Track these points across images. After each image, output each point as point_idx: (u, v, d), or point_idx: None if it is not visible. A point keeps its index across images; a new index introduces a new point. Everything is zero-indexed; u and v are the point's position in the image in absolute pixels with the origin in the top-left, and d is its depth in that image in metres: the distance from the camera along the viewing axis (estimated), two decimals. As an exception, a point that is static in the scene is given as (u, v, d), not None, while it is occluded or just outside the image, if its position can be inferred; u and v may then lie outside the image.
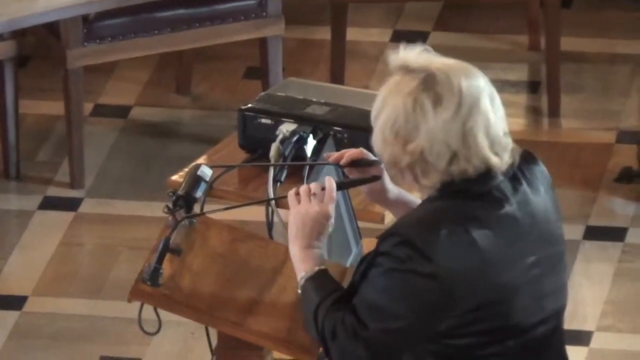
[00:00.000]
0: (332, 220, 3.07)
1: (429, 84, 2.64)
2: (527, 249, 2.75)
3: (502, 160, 2.63)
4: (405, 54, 2.76)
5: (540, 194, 2.82)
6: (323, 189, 3.02)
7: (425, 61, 2.75)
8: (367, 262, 2.83)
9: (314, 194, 3.00)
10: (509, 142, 2.69)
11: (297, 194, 3.00)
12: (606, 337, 5.45)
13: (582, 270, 6.03)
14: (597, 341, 5.44)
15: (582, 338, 5.53)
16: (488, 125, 2.64)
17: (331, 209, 3.05)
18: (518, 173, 2.75)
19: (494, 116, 2.68)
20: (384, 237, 2.74)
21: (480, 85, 2.64)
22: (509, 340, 2.77)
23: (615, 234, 6.09)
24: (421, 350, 2.80)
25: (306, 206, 3.01)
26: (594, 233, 6.11)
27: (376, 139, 2.69)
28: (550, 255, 2.86)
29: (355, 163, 3.26)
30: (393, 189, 3.26)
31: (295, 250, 3.05)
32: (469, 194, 2.68)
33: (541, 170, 2.86)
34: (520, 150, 2.75)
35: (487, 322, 2.71)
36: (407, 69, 2.71)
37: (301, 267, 2.96)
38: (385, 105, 2.68)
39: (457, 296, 2.63)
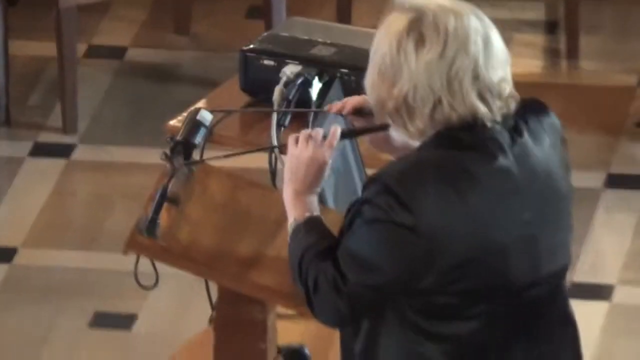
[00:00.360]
0: (329, 168, 3.00)
1: (415, 25, 2.57)
2: (523, 204, 2.67)
3: (492, 109, 2.56)
4: None
5: (544, 147, 2.73)
6: (325, 137, 2.98)
7: (423, 0, 2.69)
8: (354, 210, 2.76)
9: (312, 138, 2.93)
10: (505, 90, 2.63)
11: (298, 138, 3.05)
12: (629, 291, 5.36)
13: (603, 220, 5.94)
14: (618, 295, 5.37)
15: (602, 292, 5.47)
16: (477, 70, 2.56)
17: (327, 155, 2.98)
18: (520, 123, 2.67)
19: (486, 61, 2.61)
20: (367, 183, 2.71)
21: (471, 26, 2.56)
22: (497, 300, 2.70)
23: (637, 182, 5.98)
24: (403, 306, 2.69)
25: (302, 150, 2.96)
26: (615, 181, 6.05)
27: (366, 81, 2.62)
28: (550, 213, 2.78)
29: (360, 111, 3.19)
30: (397, 137, 3.11)
31: (287, 195, 3.00)
32: (460, 143, 2.62)
33: (551, 122, 2.78)
34: (525, 99, 2.67)
35: (472, 280, 2.65)
36: (402, 8, 2.62)
37: (292, 212, 2.94)
38: (376, 46, 2.62)
39: (440, 252, 2.56)
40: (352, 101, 3.17)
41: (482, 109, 2.52)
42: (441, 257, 2.54)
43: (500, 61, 2.69)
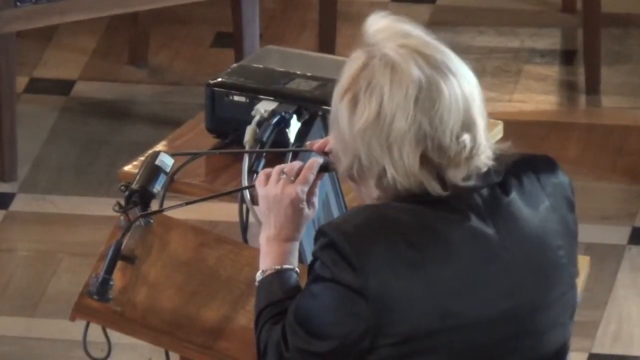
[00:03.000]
0: (311, 207, 2.98)
1: (354, 80, 2.53)
2: (505, 274, 2.63)
3: (446, 175, 2.51)
4: (371, 22, 2.59)
5: (539, 209, 2.70)
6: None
7: (376, 38, 2.60)
8: (310, 265, 2.79)
9: (285, 174, 2.92)
10: (467, 143, 2.54)
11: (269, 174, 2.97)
12: (659, 364, 5.74)
13: (628, 281, 5.94)
14: (646, 369, 5.54)
15: (627, 365, 5.71)
16: (420, 129, 2.50)
17: (301, 191, 2.96)
18: (510, 181, 2.65)
19: (433, 115, 2.53)
20: (317, 234, 2.69)
21: (412, 76, 2.47)
22: None
23: None
24: None
25: (271, 187, 2.95)
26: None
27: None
28: (544, 285, 2.72)
29: None
30: None
31: (260, 242, 3.00)
32: (427, 198, 2.59)
33: (557, 182, 2.74)
34: (530, 155, 2.67)
35: (427, 356, 2.60)
36: (362, 43, 2.57)
37: (262, 261, 2.94)
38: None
39: (390, 319, 2.54)
40: None
41: (427, 179, 2.49)
42: (392, 326, 2.52)
43: (454, 110, 2.63)
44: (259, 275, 3.00)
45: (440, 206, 2.67)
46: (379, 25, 2.65)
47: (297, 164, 3.12)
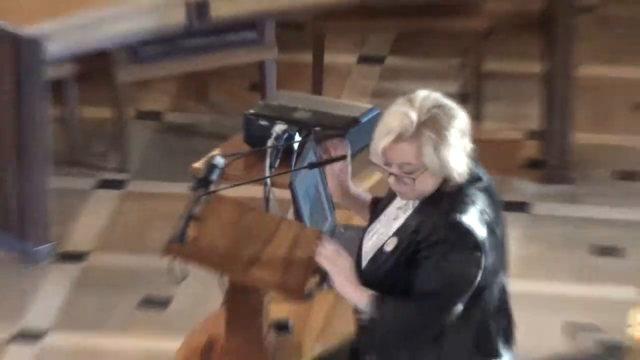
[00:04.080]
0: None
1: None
2: (499, 243, 3.11)
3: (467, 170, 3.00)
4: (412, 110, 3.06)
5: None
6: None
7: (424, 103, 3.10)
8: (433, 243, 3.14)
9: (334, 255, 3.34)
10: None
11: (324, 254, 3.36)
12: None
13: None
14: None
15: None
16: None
17: (345, 259, 3.35)
18: (477, 174, 3.07)
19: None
20: (445, 228, 3.04)
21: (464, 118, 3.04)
22: (503, 275, 3.23)
23: (519, 207, 6.30)
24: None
25: (338, 262, 3.31)
26: (506, 206, 6.39)
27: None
28: (505, 257, 3.22)
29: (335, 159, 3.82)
30: (351, 184, 3.72)
31: (349, 292, 3.30)
32: (465, 183, 3.01)
33: (492, 178, 3.22)
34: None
35: (489, 288, 3.08)
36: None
37: (360, 301, 3.21)
38: None
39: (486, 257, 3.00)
40: (337, 147, 3.92)
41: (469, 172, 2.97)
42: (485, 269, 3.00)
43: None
44: (367, 307, 3.26)
45: (471, 185, 3.10)
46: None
47: (334, 249, 3.45)
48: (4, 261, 5.80)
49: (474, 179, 3.06)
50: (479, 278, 3.02)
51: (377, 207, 3.72)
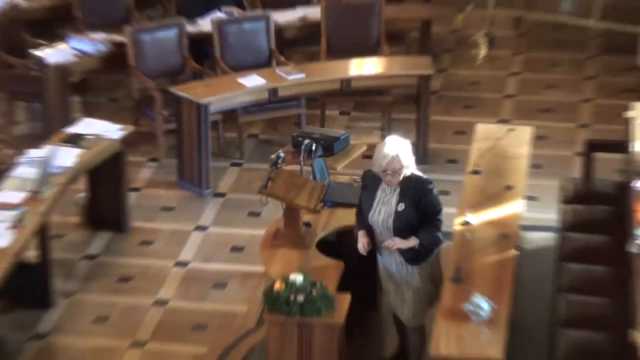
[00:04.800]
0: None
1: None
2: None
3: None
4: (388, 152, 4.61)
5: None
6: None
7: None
8: (424, 194, 4.71)
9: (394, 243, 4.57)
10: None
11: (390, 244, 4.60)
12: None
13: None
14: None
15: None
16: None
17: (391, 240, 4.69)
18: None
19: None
20: (420, 184, 4.69)
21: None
22: None
23: None
24: None
25: (399, 242, 4.61)
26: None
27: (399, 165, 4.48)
28: None
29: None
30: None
31: (409, 245, 4.58)
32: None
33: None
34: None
35: None
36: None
37: (414, 243, 4.56)
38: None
39: None
40: None
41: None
42: None
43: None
44: (418, 243, 4.66)
45: (417, 172, 4.74)
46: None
47: (394, 241, 4.71)
48: (190, 196, 7.69)
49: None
50: None
51: (362, 209, 4.91)
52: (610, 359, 4.72)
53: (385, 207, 4.59)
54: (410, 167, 4.41)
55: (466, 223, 5.32)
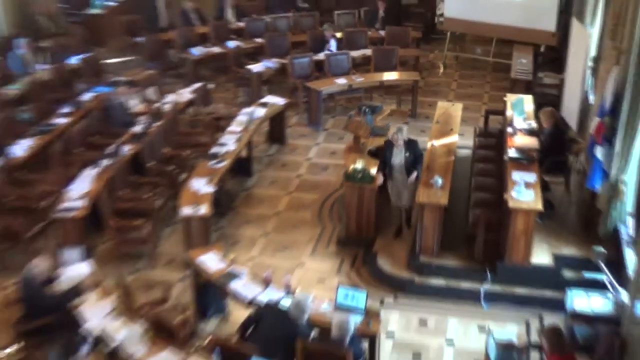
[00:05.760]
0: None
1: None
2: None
3: None
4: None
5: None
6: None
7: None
8: (414, 148, 5.41)
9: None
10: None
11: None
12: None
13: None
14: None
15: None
16: None
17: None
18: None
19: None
20: (411, 145, 5.44)
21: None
22: None
23: None
24: None
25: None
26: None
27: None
28: None
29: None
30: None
31: (413, 176, 5.16)
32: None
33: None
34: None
35: None
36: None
37: (414, 175, 5.07)
38: None
39: None
40: None
41: None
42: None
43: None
44: (417, 174, 4.96)
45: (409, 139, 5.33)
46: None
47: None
48: (313, 130, 9.25)
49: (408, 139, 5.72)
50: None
51: (384, 160, 5.73)
52: (494, 205, 6.54)
53: (399, 156, 6.11)
54: (405, 135, 5.86)
55: (432, 145, 7.13)
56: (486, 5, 10.45)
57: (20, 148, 7.23)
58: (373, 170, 6.32)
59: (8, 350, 4.72)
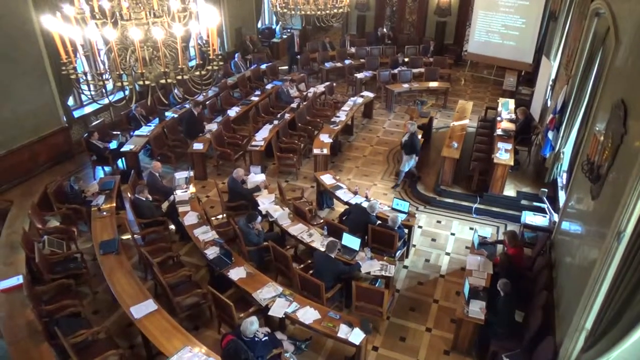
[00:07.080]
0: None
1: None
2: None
3: None
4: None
5: None
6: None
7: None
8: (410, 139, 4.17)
9: None
10: None
11: None
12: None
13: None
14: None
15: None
16: None
17: None
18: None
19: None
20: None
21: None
22: None
23: None
24: None
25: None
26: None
27: None
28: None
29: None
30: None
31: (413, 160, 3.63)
32: None
33: None
34: None
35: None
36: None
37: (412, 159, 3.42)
38: None
39: None
40: None
41: None
42: None
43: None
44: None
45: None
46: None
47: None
48: (385, 112, 8.18)
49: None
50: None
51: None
52: (485, 160, 6.43)
53: (404, 138, 6.16)
54: (414, 128, 5.26)
55: (453, 124, 6.94)
56: (492, 46, 11.20)
57: (233, 111, 8.39)
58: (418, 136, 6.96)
59: (220, 216, 5.67)
